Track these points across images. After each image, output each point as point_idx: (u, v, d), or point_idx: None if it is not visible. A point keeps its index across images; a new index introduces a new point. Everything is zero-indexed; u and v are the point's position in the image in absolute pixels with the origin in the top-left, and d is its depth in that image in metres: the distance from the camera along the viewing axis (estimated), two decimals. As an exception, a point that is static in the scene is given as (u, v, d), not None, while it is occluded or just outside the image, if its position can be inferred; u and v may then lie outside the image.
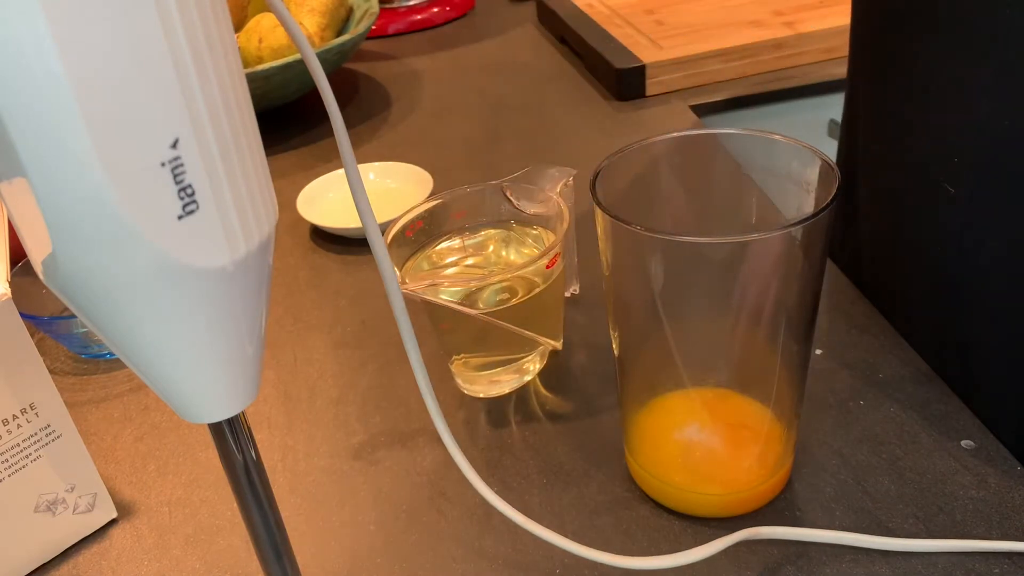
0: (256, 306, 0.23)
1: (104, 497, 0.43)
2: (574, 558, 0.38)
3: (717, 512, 0.39)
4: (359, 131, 0.82)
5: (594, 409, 0.47)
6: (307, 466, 0.45)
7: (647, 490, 0.41)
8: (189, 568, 0.41)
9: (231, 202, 0.21)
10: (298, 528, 0.42)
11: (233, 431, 0.26)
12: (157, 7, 0.18)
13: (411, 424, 0.47)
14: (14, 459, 0.39)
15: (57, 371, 0.54)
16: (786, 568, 0.37)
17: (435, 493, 0.43)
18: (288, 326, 0.56)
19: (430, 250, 0.49)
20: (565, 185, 0.48)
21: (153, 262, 0.20)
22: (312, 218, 0.64)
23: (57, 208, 0.19)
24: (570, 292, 0.54)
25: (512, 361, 0.48)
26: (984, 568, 0.36)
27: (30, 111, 0.18)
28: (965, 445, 0.41)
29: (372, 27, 0.86)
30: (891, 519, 0.38)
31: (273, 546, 0.29)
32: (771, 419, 0.38)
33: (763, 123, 0.82)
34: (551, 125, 0.78)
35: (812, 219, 0.32)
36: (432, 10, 1.07)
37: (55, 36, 0.17)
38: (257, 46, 0.81)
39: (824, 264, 0.34)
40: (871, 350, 0.48)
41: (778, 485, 0.40)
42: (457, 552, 0.40)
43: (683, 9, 0.90)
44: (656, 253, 0.34)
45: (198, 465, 0.46)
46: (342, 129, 0.29)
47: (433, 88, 0.89)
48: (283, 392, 0.51)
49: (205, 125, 0.20)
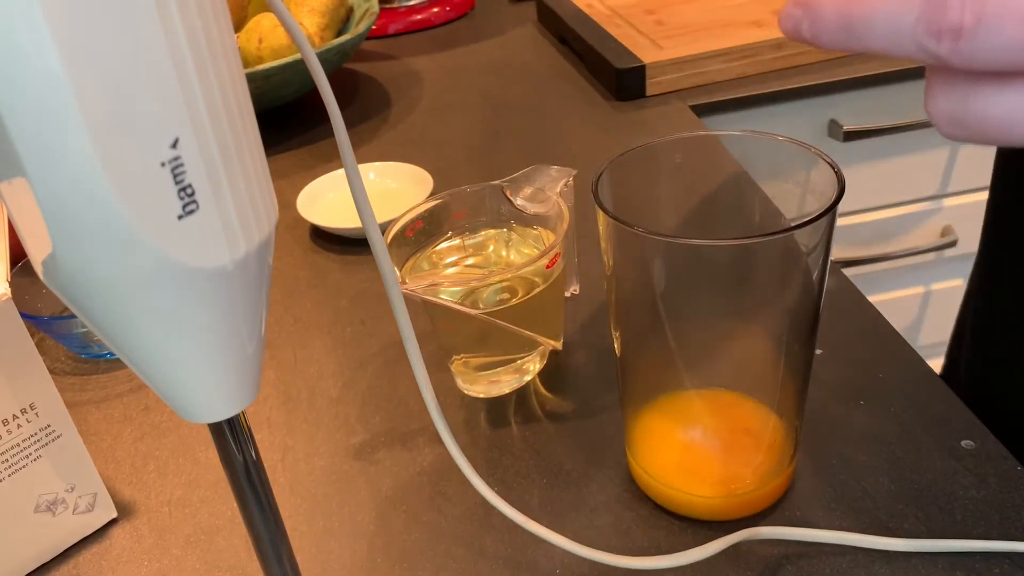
0: (256, 306, 0.23)
1: (104, 497, 0.43)
2: (574, 558, 0.38)
3: (718, 515, 0.39)
4: (359, 131, 0.82)
5: (594, 409, 0.47)
6: (307, 466, 0.45)
7: (647, 491, 0.41)
8: (189, 568, 0.41)
9: (231, 202, 0.21)
10: (298, 528, 0.42)
11: (233, 431, 0.26)
12: (157, 7, 0.18)
13: (411, 424, 0.47)
14: (14, 459, 0.39)
15: (57, 371, 0.54)
16: (786, 568, 0.37)
17: (435, 493, 0.43)
18: (288, 326, 0.56)
19: (430, 250, 0.49)
20: (565, 185, 0.48)
21: (153, 262, 0.20)
22: (312, 218, 0.64)
23: (57, 208, 0.19)
24: (570, 292, 0.54)
25: (512, 361, 0.48)
26: (984, 568, 0.36)
27: (30, 111, 0.18)
28: (965, 445, 0.41)
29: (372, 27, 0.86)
30: (891, 519, 0.38)
31: (273, 546, 0.29)
32: (773, 421, 0.38)
33: (763, 123, 0.82)
34: (551, 125, 0.78)
35: (814, 221, 0.32)
36: (432, 10, 1.06)
37: (55, 36, 0.17)
38: (257, 46, 0.80)
39: (827, 265, 0.34)
40: (871, 350, 0.48)
41: (779, 489, 0.39)
42: (457, 552, 0.40)
43: (683, 9, 0.90)
44: (658, 255, 0.33)
45: (198, 465, 0.46)
46: (342, 129, 0.29)
47: (433, 88, 0.89)
48: (283, 392, 0.51)
49: (205, 125, 0.20)
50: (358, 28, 0.82)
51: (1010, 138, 0.22)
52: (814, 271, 0.34)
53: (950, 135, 0.23)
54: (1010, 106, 0.22)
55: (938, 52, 0.21)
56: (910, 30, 0.21)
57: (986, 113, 0.22)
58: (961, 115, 0.23)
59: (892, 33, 0.22)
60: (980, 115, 0.22)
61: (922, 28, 0.21)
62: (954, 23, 0.21)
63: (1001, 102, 0.22)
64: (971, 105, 0.22)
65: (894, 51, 0.22)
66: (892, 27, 0.22)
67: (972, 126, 0.23)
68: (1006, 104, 0.22)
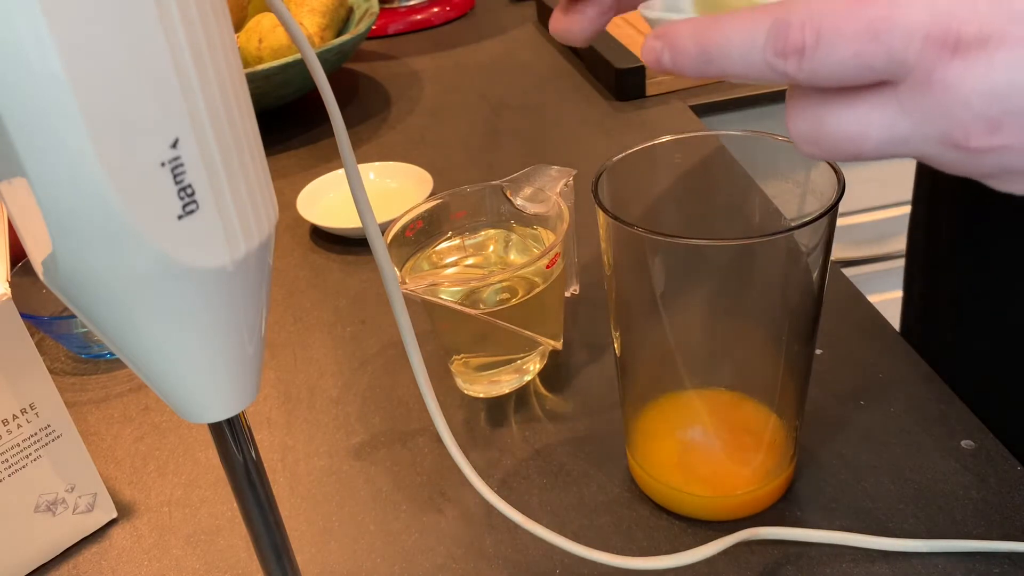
0: (256, 306, 0.23)
1: (104, 497, 0.43)
2: (574, 558, 0.38)
3: (718, 515, 0.39)
4: (359, 131, 0.82)
5: (594, 409, 0.47)
6: (307, 466, 0.45)
7: (647, 491, 0.41)
8: (189, 568, 0.41)
9: (231, 202, 0.21)
10: (298, 528, 0.42)
11: (233, 431, 0.26)
12: (157, 7, 0.18)
13: (411, 424, 0.47)
14: (14, 459, 0.39)
15: (57, 371, 0.54)
16: (786, 568, 0.37)
17: (435, 493, 0.43)
18: (288, 326, 0.56)
19: (430, 250, 0.49)
20: (565, 185, 0.48)
21: (153, 262, 0.20)
22: (312, 218, 0.64)
23: (57, 208, 0.19)
24: (570, 292, 0.54)
25: (512, 361, 0.48)
26: (984, 568, 0.36)
27: (30, 111, 0.18)
28: (965, 445, 0.41)
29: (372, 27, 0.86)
30: (891, 519, 0.38)
31: (273, 546, 0.29)
32: (773, 421, 0.38)
33: (763, 123, 0.82)
34: (551, 125, 0.78)
35: (814, 221, 0.32)
36: (432, 10, 1.06)
37: (55, 36, 0.17)
38: (257, 46, 0.81)
39: (827, 265, 0.34)
40: (871, 350, 0.48)
41: (779, 490, 0.39)
42: (457, 552, 0.40)
43: (683, 9, 0.90)
44: (658, 255, 0.33)
45: (198, 465, 0.46)
46: (342, 129, 0.29)
47: (433, 88, 0.89)
48: (283, 392, 0.51)
49: (205, 125, 0.20)
50: (358, 28, 0.82)
51: (860, 151, 0.24)
52: (814, 271, 0.34)
53: (809, 154, 0.25)
54: (859, 118, 0.23)
55: (786, 70, 0.23)
56: (760, 52, 0.23)
57: (839, 128, 0.24)
58: (816, 132, 0.24)
59: (745, 56, 0.24)
60: (834, 130, 0.24)
61: (770, 49, 0.23)
62: (797, 43, 0.23)
63: (851, 116, 0.23)
64: (825, 121, 0.24)
65: (750, 73, 0.24)
66: (744, 51, 0.24)
67: (826, 142, 0.24)
68: (855, 116, 0.23)
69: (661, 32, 0.25)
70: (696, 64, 0.25)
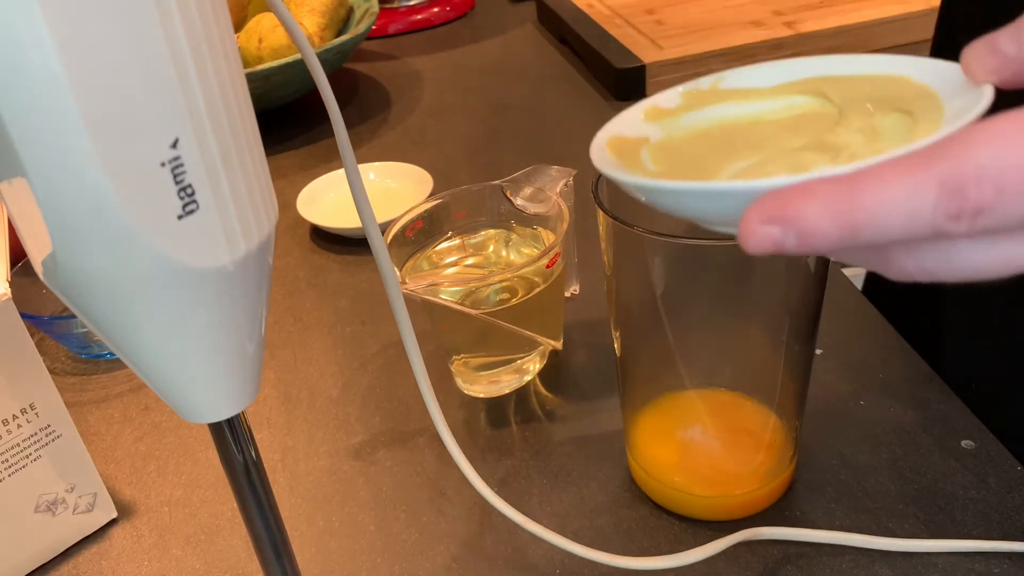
0: (256, 306, 0.23)
1: (104, 497, 0.43)
2: (574, 558, 0.38)
3: (718, 515, 0.39)
4: (359, 131, 0.82)
5: (594, 409, 0.47)
6: (307, 466, 0.45)
7: (647, 491, 0.41)
8: (189, 568, 0.41)
9: (231, 202, 0.21)
10: (298, 528, 0.42)
11: (233, 431, 0.26)
12: (157, 7, 0.18)
13: (411, 424, 0.47)
14: (14, 459, 0.39)
15: (57, 371, 0.54)
16: (786, 568, 0.37)
17: (435, 493, 0.43)
18: (288, 326, 0.56)
19: (430, 250, 0.49)
20: (565, 185, 0.48)
21: (153, 262, 0.20)
22: (312, 218, 0.64)
23: (57, 208, 0.19)
24: (570, 292, 0.54)
25: (512, 361, 0.48)
26: (984, 568, 0.36)
27: (30, 111, 0.18)
28: (965, 445, 0.41)
29: (372, 27, 0.86)
30: (891, 519, 0.38)
31: (273, 546, 0.29)
32: (773, 421, 0.38)
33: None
34: (551, 125, 0.78)
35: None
36: (432, 10, 1.06)
37: (55, 36, 0.17)
38: (257, 46, 0.80)
39: (827, 265, 0.34)
40: (871, 350, 0.48)
41: (779, 490, 0.40)
42: (457, 552, 0.40)
43: (683, 9, 0.90)
44: (658, 255, 0.33)
45: (198, 465, 0.46)
46: (342, 129, 0.29)
47: (433, 88, 0.89)
48: (283, 392, 0.51)
49: (205, 125, 0.20)
50: (358, 28, 0.82)
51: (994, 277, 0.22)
52: (814, 271, 0.34)
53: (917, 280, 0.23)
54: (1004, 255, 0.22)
55: (957, 230, 0.21)
56: (929, 216, 0.21)
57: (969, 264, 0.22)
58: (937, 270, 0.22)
59: (907, 223, 0.21)
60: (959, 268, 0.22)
61: (942, 213, 0.20)
62: (976, 204, 0.20)
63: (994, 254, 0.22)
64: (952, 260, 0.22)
65: (904, 237, 0.21)
66: (906, 217, 0.21)
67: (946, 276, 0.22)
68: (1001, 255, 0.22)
69: (776, 214, 0.21)
70: (840, 243, 0.21)
